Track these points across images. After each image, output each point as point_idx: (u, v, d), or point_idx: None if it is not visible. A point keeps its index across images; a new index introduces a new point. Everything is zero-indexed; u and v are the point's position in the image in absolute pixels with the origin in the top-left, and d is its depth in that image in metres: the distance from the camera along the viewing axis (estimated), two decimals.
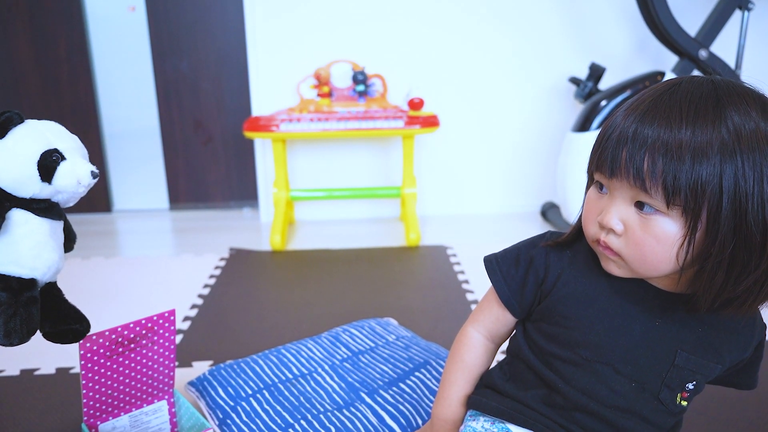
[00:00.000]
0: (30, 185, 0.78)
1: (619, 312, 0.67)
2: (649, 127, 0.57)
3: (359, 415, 0.98)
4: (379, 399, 1.02)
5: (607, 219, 0.61)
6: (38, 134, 0.79)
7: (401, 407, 1.00)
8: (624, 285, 0.67)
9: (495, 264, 0.77)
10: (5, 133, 0.78)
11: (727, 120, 0.56)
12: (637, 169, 0.57)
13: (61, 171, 0.78)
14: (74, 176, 0.79)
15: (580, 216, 0.69)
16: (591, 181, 0.66)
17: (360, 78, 2.20)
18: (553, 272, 0.71)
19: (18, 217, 0.78)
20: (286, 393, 1.04)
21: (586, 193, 0.68)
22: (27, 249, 0.78)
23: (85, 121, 2.43)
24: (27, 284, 0.78)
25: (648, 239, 0.59)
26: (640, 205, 0.59)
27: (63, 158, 0.79)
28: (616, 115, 0.62)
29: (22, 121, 0.79)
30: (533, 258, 0.74)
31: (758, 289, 0.59)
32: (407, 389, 1.05)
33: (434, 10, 2.26)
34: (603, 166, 0.61)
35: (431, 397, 1.02)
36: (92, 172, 0.81)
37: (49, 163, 0.78)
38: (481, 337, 0.79)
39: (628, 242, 0.61)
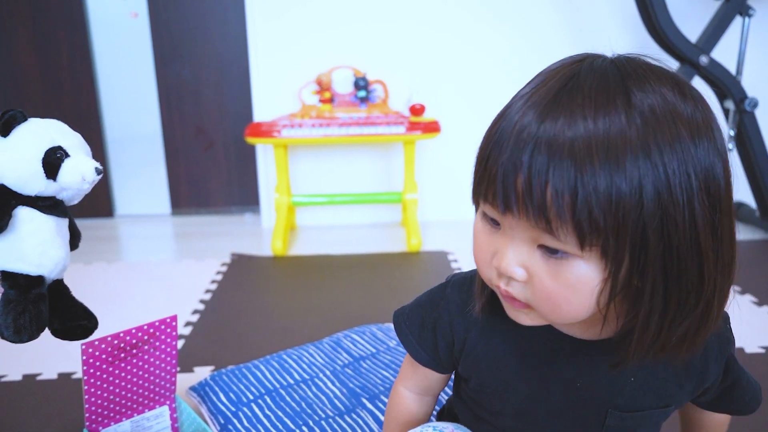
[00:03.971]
0: (35, 182, 0.78)
1: (534, 376, 0.57)
2: (548, 143, 0.44)
3: (360, 421, 0.98)
4: (380, 405, 1.02)
5: (504, 266, 0.48)
6: (42, 132, 0.79)
7: None
8: (535, 343, 0.57)
9: (405, 327, 0.68)
10: (9, 131, 0.78)
11: (635, 108, 0.44)
12: (538, 204, 0.44)
13: (66, 168, 0.79)
14: (78, 173, 0.80)
15: None
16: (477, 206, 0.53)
17: (361, 84, 2.21)
18: (459, 334, 0.62)
19: (24, 214, 0.79)
20: (288, 399, 1.04)
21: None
22: (33, 246, 0.78)
23: (87, 127, 2.44)
24: (35, 281, 0.79)
25: (560, 289, 0.47)
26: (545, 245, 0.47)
27: (67, 155, 0.80)
28: (504, 123, 0.48)
29: (26, 120, 0.80)
30: (436, 322, 0.64)
31: (694, 331, 0.48)
32: None
33: (435, 16, 2.27)
34: (492, 198, 0.47)
35: None
36: (96, 168, 0.81)
37: (53, 161, 0.78)
38: (414, 395, 0.71)
39: (535, 292, 0.48)
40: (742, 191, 2.25)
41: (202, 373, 1.24)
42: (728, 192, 0.47)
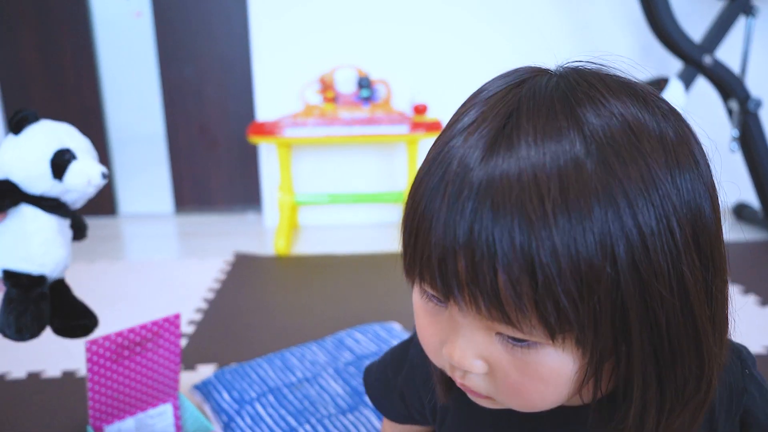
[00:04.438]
0: (41, 182, 0.79)
1: None
2: (492, 211, 0.33)
3: (363, 419, 0.99)
4: None
5: (457, 359, 0.38)
6: (52, 133, 0.81)
7: None
8: (513, 413, 0.45)
9: (373, 389, 0.64)
10: (21, 130, 0.80)
11: (590, 142, 0.34)
12: (489, 294, 0.34)
13: (73, 170, 0.80)
14: (85, 176, 0.81)
15: None
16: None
17: (364, 83, 2.21)
18: (428, 403, 0.56)
19: (28, 213, 0.80)
20: (291, 397, 1.05)
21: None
22: (37, 246, 0.79)
23: (90, 125, 2.44)
24: (37, 281, 0.80)
25: (530, 383, 0.37)
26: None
27: (74, 158, 0.81)
28: (431, 181, 0.37)
29: (37, 120, 0.81)
30: (403, 391, 0.59)
31: (693, 416, 0.39)
32: None
33: (437, 16, 2.27)
34: (431, 281, 0.37)
35: None
36: (102, 173, 0.82)
37: (61, 162, 0.80)
38: None
39: (499, 386, 0.39)
40: (744, 191, 2.25)
41: (206, 371, 1.24)
42: (719, 235, 0.37)
